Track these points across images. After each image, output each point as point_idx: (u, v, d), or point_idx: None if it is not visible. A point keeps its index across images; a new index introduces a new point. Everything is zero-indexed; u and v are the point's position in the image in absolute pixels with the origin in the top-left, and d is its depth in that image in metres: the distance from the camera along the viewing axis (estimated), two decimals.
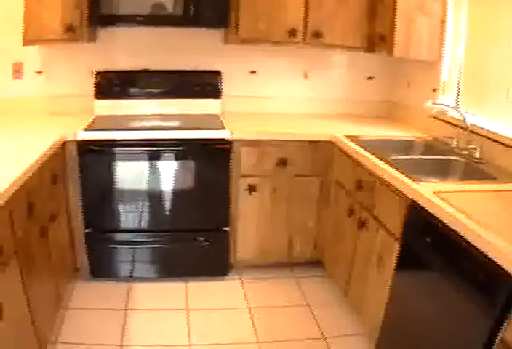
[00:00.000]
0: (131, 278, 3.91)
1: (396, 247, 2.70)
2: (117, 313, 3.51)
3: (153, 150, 3.61)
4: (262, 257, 3.98)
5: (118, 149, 3.59)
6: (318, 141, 3.69)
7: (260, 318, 3.50)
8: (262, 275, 4.01)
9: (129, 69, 4.21)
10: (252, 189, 3.76)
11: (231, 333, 3.34)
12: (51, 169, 3.23)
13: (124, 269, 3.89)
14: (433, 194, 2.39)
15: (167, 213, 3.80)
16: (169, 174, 3.71)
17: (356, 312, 3.34)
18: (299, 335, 3.34)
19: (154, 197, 3.74)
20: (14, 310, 2.40)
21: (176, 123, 3.88)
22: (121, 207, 3.75)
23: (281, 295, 3.79)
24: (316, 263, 4.02)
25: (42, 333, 2.83)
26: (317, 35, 3.83)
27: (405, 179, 2.63)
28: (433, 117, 3.65)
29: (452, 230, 2.13)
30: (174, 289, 3.82)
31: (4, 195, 2.28)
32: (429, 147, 3.54)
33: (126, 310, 3.55)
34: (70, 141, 3.54)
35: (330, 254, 3.81)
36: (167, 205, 3.77)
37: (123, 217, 3.78)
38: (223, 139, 3.60)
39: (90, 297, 3.69)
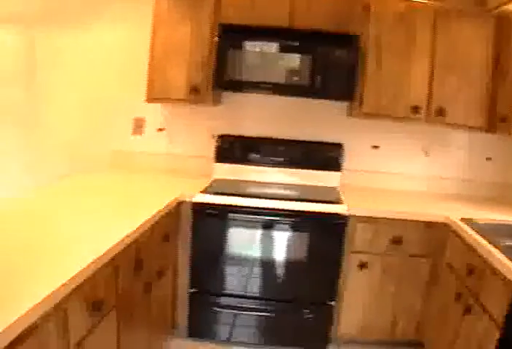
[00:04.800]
0: (227, 342, 3.89)
1: (496, 336, 2.57)
2: None
3: (268, 219, 3.60)
4: (364, 334, 3.85)
5: (232, 215, 3.62)
6: (434, 222, 3.59)
7: None
8: None
9: (251, 135, 4.31)
10: (362, 266, 3.68)
11: None
12: (164, 227, 3.30)
13: (223, 332, 3.86)
14: None
15: (274, 282, 3.75)
16: (281, 244, 3.69)
17: None
18: None
19: (263, 265, 3.72)
20: None
21: (293, 194, 3.88)
22: (228, 271, 3.75)
23: None
24: (416, 344, 3.84)
25: None
26: (440, 113, 3.79)
27: None
28: None
29: None
30: None
31: (111, 250, 2.35)
32: None
33: None
34: (186, 202, 3.62)
35: (432, 336, 3.63)
36: (275, 274, 3.73)
37: (229, 281, 3.77)
38: (339, 214, 3.55)
39: None
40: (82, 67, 4.42)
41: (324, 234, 3.62)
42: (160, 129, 4.43)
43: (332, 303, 3.75)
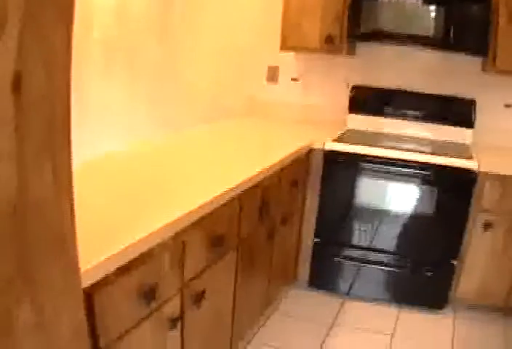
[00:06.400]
0: (347, 294, 3.91)
1: None
2: (322, 325, 3.54)
3: (398, 170, 3.57)
4: (481, 297, 3.73)
5: (364, 164, 3.62)
6: None
7: None
8: (477, 317, 3.75)
9: (385, 87, 4.21)
10: (488, 225, 3.54)
11: None
12: (292, 174, 3.35)
13: (344, 284, 3.90)
14: None
15: (398, 236, 3.73)
16: (408, 197, 3.66)
17: None
18: None
19: (390, 218, 3.71)
20: (217, 300, 2.51)
21: (425, 148, 3.81)
22: (355, 222, 3.77)
23: (487, 341, 3.51)
24: None
25: (238, 329, 2.89)
26: None
27: None
28: None
29: None
30: (386, 313, 3.75)
31: (236, 188, 2.42)
32: None
33: (332, 324, 3.56)
34: (318, 150, 3.65)
35: None
36: (400, 228, 3.71)
37: (355, 232, 3.79)
38: (469, 170, 3.45)
39: (301, 306, 3.76)
40: (218, 16, 4.51)
41: (453, 190, 3.56)
42: (294, 79, 4.44)
43: (454, 262, 3.67)
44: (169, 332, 2.04)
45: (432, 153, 3.59)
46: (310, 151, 3.65)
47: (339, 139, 3.73)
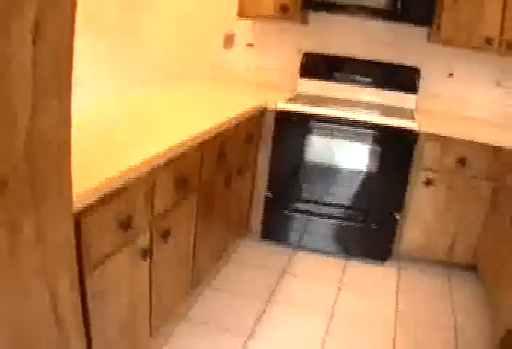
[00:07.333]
0: (297, 246, 4.17)
1: None
2: (273, 272, 3.79)
3: (345, 129, 3.81)
4: (423, 251, 4.00)
5: (312, 123, 3.85)
6: (502, 148, 3.62)
7: (403, 305, 3.56)
8: (421, 269, 4.04)
9: (335, 54, 4.42)
10: (429, 183, 3.80)
11: (372, 312, 3.46)
12: (247, 130, 3.62)
13: (294, 236, 4.15)
14: None
15: (346, 191, 3.97)
16: (354, 154, 3.90)
17: (494, 318, 3.26)
18: (434, 328, 3.36)
19: (337, 173, 3.95)
20: (180, 238, 2.77)
21: (370, 110, 4.03)
22: (305, 178, 4.01)
23: (430, 292, 3.78)
24: (471, 267, 3.95)
25: (198, 271, 3.16)
26: (510, 46, 3.75)
27: None
28: None
29: None
30: (334, 264, 4.00)
31: (199, 136, 2.70)
32: None
33: (283, 272, 3.81)
34: (270, 109, 3.89)
35: (485, 259, 3.73)
36: (347, 183, 3.95)
37: (306, 187, 4.02)
38: (411, 130, 3.70)
39: (254, 256, 4.02)
40: None
41: (396, 148, 3.81)
42: (249, 44, 4.63)
43: (398, 216, 3.94)
44: (141, 261, 2.29)
45: (377, 114, 3.85)
46: (264, 111, 3.90)
47: (290, 100, 3.97)
